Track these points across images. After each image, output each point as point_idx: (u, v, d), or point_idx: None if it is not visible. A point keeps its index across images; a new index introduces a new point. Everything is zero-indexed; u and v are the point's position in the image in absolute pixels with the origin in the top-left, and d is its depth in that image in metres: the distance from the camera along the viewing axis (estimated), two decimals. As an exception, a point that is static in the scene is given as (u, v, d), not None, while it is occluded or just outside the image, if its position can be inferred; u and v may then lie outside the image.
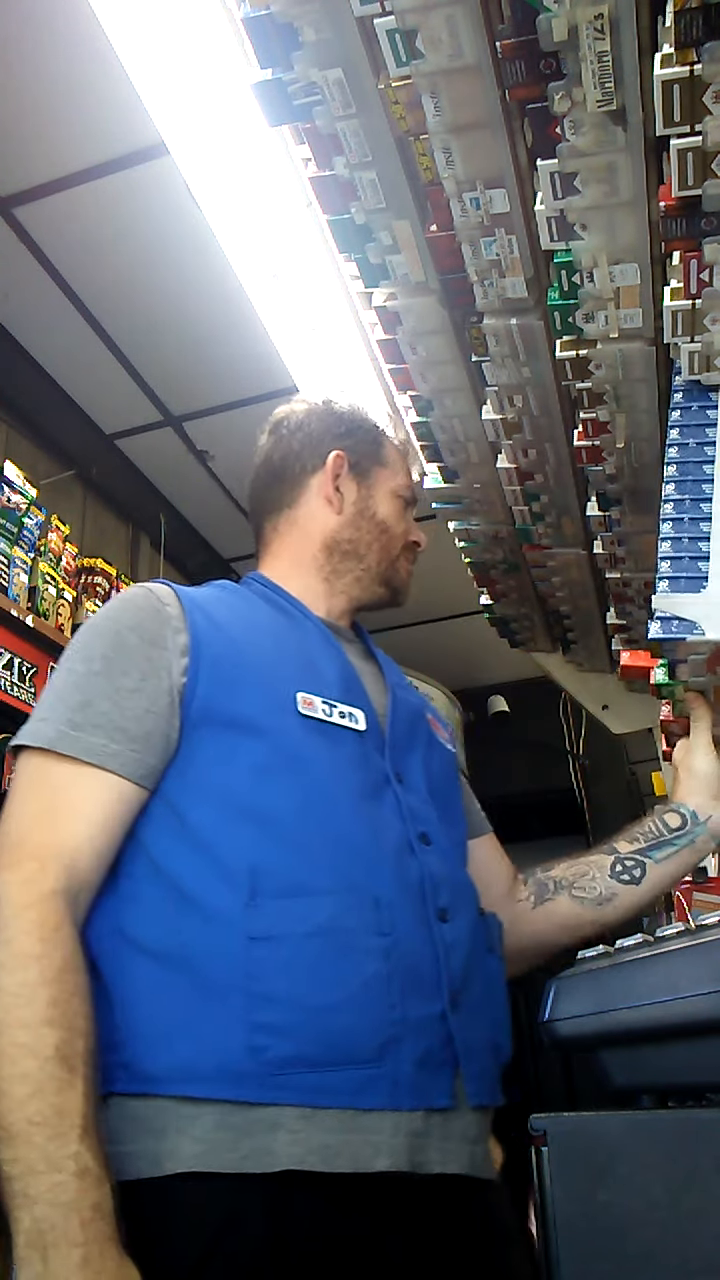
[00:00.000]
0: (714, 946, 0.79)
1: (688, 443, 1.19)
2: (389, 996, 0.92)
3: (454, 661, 4.43)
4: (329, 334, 2.15)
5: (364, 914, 0.94)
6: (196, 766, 0.99)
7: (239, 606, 1.14)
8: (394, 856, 0.99)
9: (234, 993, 0.88)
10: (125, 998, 0.91)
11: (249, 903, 0.91)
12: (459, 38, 1.02)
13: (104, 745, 0.96)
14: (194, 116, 1.68)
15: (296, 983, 0.89)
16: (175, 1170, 0.85)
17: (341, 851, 0.96)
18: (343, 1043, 0.89)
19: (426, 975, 0.96)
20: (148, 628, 1.02)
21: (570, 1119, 0.78)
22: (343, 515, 1.23)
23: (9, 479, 2.39)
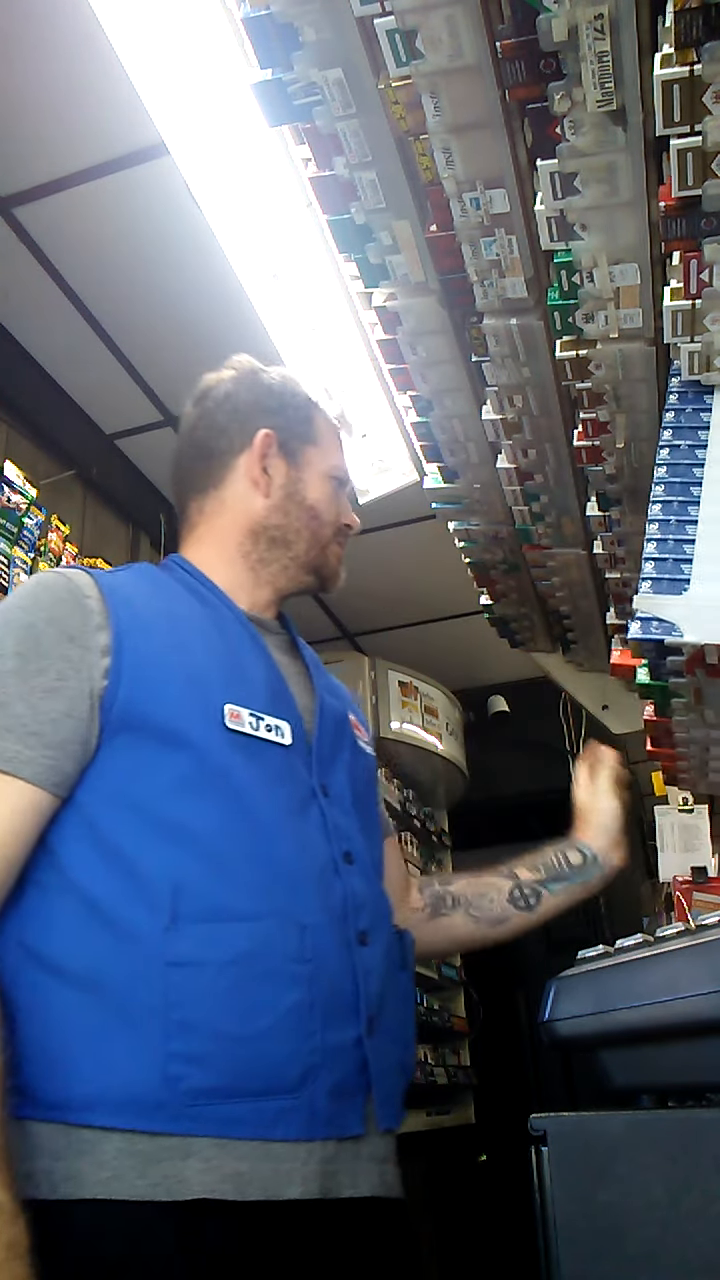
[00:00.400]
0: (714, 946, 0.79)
1: (679, 444, 1.19)
2: (309, 1025, 0.89)
3: (454, 661, 4.43)
4: (329, 334, 2.15)
5: (288, 941, 0.91)
6: (115, 775, 0.93)
7: (163, 598, 1.06)
8: (319, 878, 0.96)
9: (151, 1019, 0.84)
10: (27, 1018, 0.86)
11: (170, 926, 0.87)
12: (459, 38, 1.02)
13: (17, 751, 0.89)
14: (194, 116, 1.68)
15: (217, 1011, 0.86)
16: (75, 1196, 0.81)
17: (266, 874, 0.92)
18: (261, 1073, 0.86)
19: (345, 1001, 0.93)
20: (66, 622, 0.95)
21: (570, 1119, 0.78)
22: (270, 499, 1.14)
23: (9, 479, 2.39)
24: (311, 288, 2.01)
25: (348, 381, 2.29)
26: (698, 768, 1.56)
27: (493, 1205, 3.77)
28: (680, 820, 2.38)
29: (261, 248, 1.95)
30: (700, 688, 1.21)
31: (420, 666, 4.19)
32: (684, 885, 2.04)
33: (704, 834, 2.35)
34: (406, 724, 3.97)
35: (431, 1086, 3.51)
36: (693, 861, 2.24)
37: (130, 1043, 0.84)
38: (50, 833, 0.91)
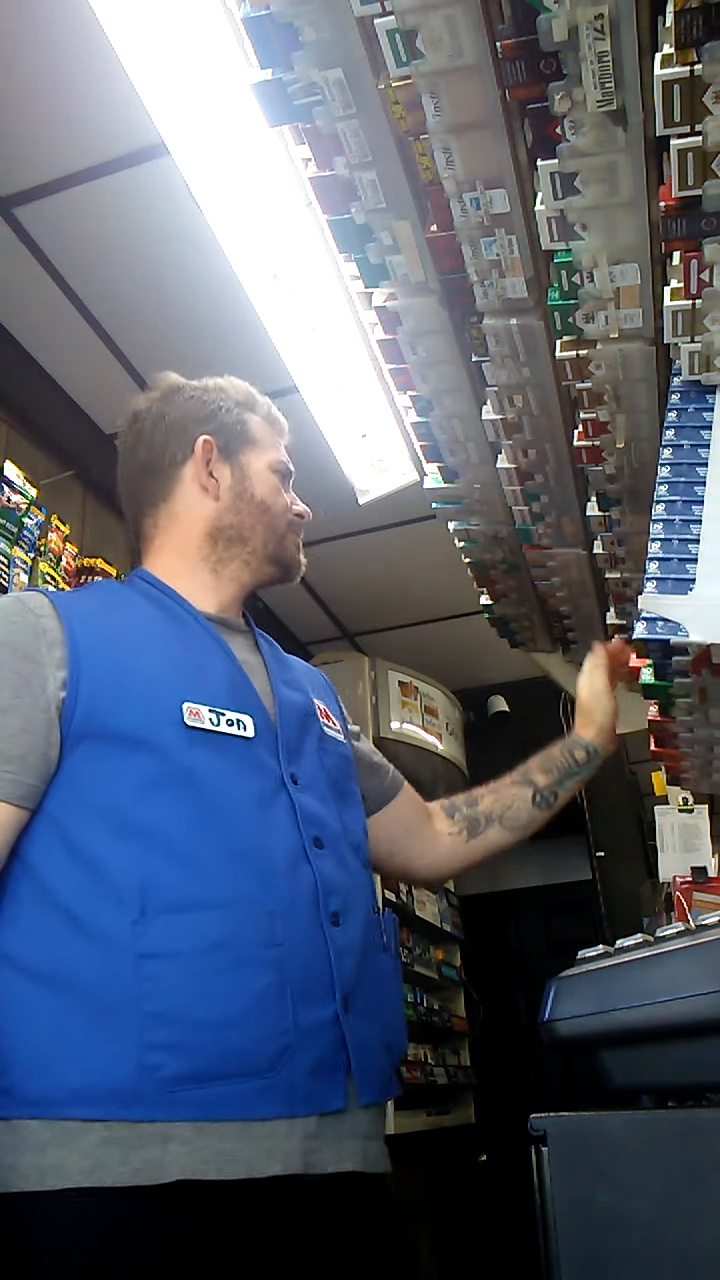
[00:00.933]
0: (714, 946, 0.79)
1: (682, 444, 1.19)
2: (282, 1006, 0.92)
3: (454, 661, 4.43)
4: (329, 334, 2.15)
5: (256, 926, 0.93)
6: (80, 783, 0.96)
7: (122, 611, 1.10)
8: (286, 865, 0.99)
9: (125, 1013, 0.87)
10: (7, 1022, 0.89)
11: (138, 920, 0.89)
12: (459, 38, 1.02)
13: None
14: (194, 116, 1.68)
15: (189, 999, 0.89)
16: (60, 1186, 0.84)
17: (233, 864, 0.95)
18: (237, 1056, 0.89)
19: (319, 981, 0.96)
20: (18, 642, 0.98)
21: (570, 1119, 0.78)
22: (221, 500, 1.19)
23: (9, 479, 2.39)
24: (311, 288, 2.01)
25: (348, 381, 2.29)
26: (701, 768, 1.56)
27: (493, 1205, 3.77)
28: (680, 820, 2.38)
29: (261, 248, 1.95)
30: (705, 688, 1.21)
31: (420, 666, 4.19)
32: (684, 885, 2.04)
33: (704, 834, 2.35)
34: (406, 724, 3.97)
35: (431, 1086, 3.51)
36: (693, 861, 2.24)
37: (107, 1037, 0.87)
38: (23, 844, 0.95)
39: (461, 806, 1.37)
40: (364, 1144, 0.98)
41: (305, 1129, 0.91)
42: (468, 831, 1.34)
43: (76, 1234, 0.84)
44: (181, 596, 1.15)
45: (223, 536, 1.19)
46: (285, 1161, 0.89)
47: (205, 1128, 0.87)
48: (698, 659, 1.14)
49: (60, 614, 1.02)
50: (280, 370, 2.38)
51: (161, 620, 1.11)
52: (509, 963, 5.44)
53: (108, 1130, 0.85)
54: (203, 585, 1.17)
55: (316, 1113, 0.92)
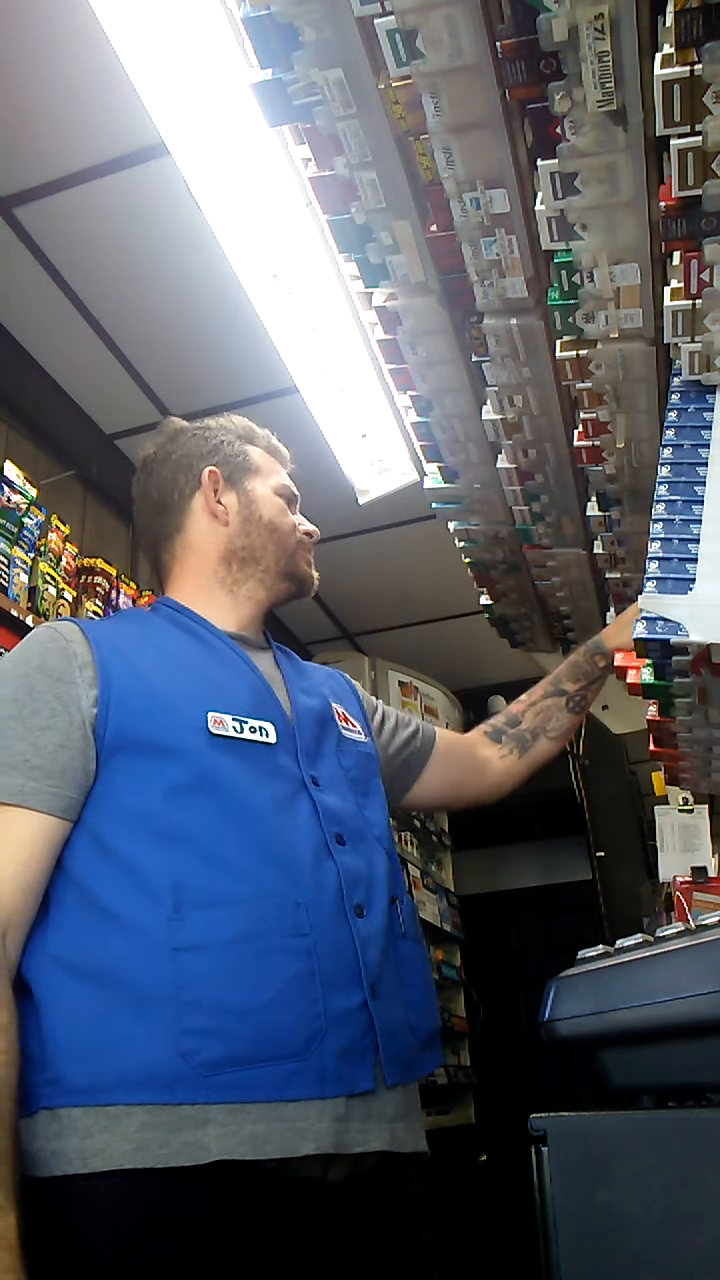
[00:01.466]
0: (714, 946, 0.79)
1: (682, 444, 1.19)
2: (311, 993, 0.97)
3: (454, 661, 4.43)
4: (329, 334, 2.15)
5: (283, 917, 0.99)
6: (114, 792, 1.03)
7: (146, 633, 1.18)
8: (310, 860, 1.05)
9: (163, 1002, 0.93)
10: (53, 1017, 0.95)
11: (173, 916, 0.96)
12: (459, 38, 1.02)
13: (21, 784, 1.00)
14: (194, 116, 1.68)
15: (223, 987, 0.94)
16: (104, 1168, 0.89)
17: (259, 861, 1.01)
18: (270, 1040, 0.94)
19: (347, 969, 1.02)
20: (53, 666, 1.06)
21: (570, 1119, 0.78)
22: (231, 525, 1.27)
23: (9, 479, 2.39)
24: (311, 288, 2.01)
25: (348, 381, 2.29)
26: (701, 768, 1.56)
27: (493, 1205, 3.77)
28: (680, 820, 2.38)
29: (261, 248, 1.95)
30: (705, 687, 1.21)
31: (420, 666, 4.19)
32: (684, 885, 2.04)
33: (704, 834, 2.35)
34: (405, 721, 3.97)
35: (431, 1086, 3.52)
36: (693, 861, 2.24)
37: (147, 1025, 0.93)
38: (65, 855, 1.02)
39: (506, 729, 1.51)
40: (391, 1125, 1.02)
41: (335, 1110, 0.96)
42: (518, 750, 1.49)
43: (117, 1215, 0.89)
44: (202, 617, 1.22)
45: (236, 559, 1.27)
46: (317, 1141, 0.94)
47: (240, 1109, 0.92)
48: (697, 659, 1.14)
49: (89, 638, 1.10)
50: (280, 370, 2.38)
51: (185, 639, 1.19)
52: (509, 963, 5.44)
53: (148, 1114, 0.90)
54: (222, 606, 1.25)
55: (346, 1094, 0.97)
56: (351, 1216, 0.99)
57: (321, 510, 1.45)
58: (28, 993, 0.96)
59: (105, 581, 2.77)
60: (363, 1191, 1.01)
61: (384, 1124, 1.01)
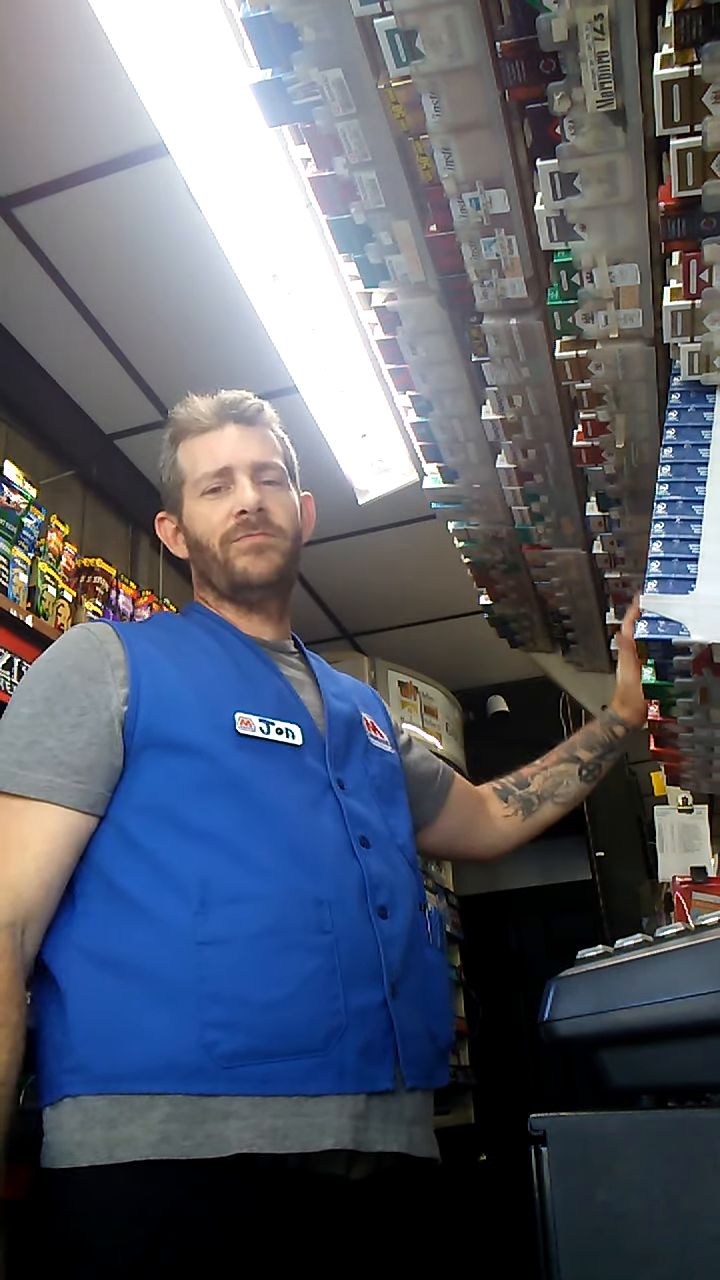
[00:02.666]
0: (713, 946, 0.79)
1: (683, 444, 1.19)
2: (332, 989, 0.98)
3: (454, 661, 4.43)
4: (329, 334, 2.15)
5: (306, 914, 1.00)
6: (141, 789, 1.04)
7: (177, 637, 1.21)
8: (335, 860, 1.06)
9: (186, 994, 0.94)
10: (78, 1006, 0.96)
11: (198, 911, 0.97)
12: (459, 38, 1.02)
13: (50, 780, 1.01)
14: (194, 116, 1.68)
15: (244, 981, 0.95)
16: (129, 1159, 0.89)
17: (284, 859, 1.02)
18: (290, 1034, 0.95)
19: (368, 967, 1.02)
20: (86, 665, 1.08)
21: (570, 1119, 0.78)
22: (191, 555, 1.30)
23: (9, 479, 2.39)
24: (311, 288, 2.01)
25: (348, 381, 2.29)
26: (702, 767, 1.56)
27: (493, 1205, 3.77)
28: (680, 820, 2.38)
29: (261, 248, 1.95)
30: (707, 687, 1.21)
31: (420, 666, 4.19)
32: (684, 885, 2.04)
33: (703, 834, 2.35)
34: (406, 724, 3.96)
35: (431, 1086, 3.51)
36: (692, 861, 2.24)
37: (170, 1016, 0.94)
38: (92, 848, 1.03)
39: (514, 789, 1.52)
40: (409, 1128, 1.03)
41: (354, 1107, 0.97)
42: (523, 811, 1.49)
43: (143, 1206, 0.89)
44: (229, 622, 1.25)
45: (207, 582, 1.29)
46: (337, 1137, 0.95)
47: (262, 1103, 0.92)
48: (699, 659, 1.14)
49: (122, 639, 1.12)
50: (280, 370, 2.38)
51: (213, 643, 1.21)
52: (509, 963, 5.44)
53: (172, 1105, 0.91)
54: (235, 616, 1.27)
55: (365, 1091, 0.98)
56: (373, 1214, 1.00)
57: (321, 510, 1.45)
58: (53, 982, 0.98)
59: (105, 581, 2.77)
60: (384, 1191, 1.01)
61: (402, 1125, 1.02)
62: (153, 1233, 0.88)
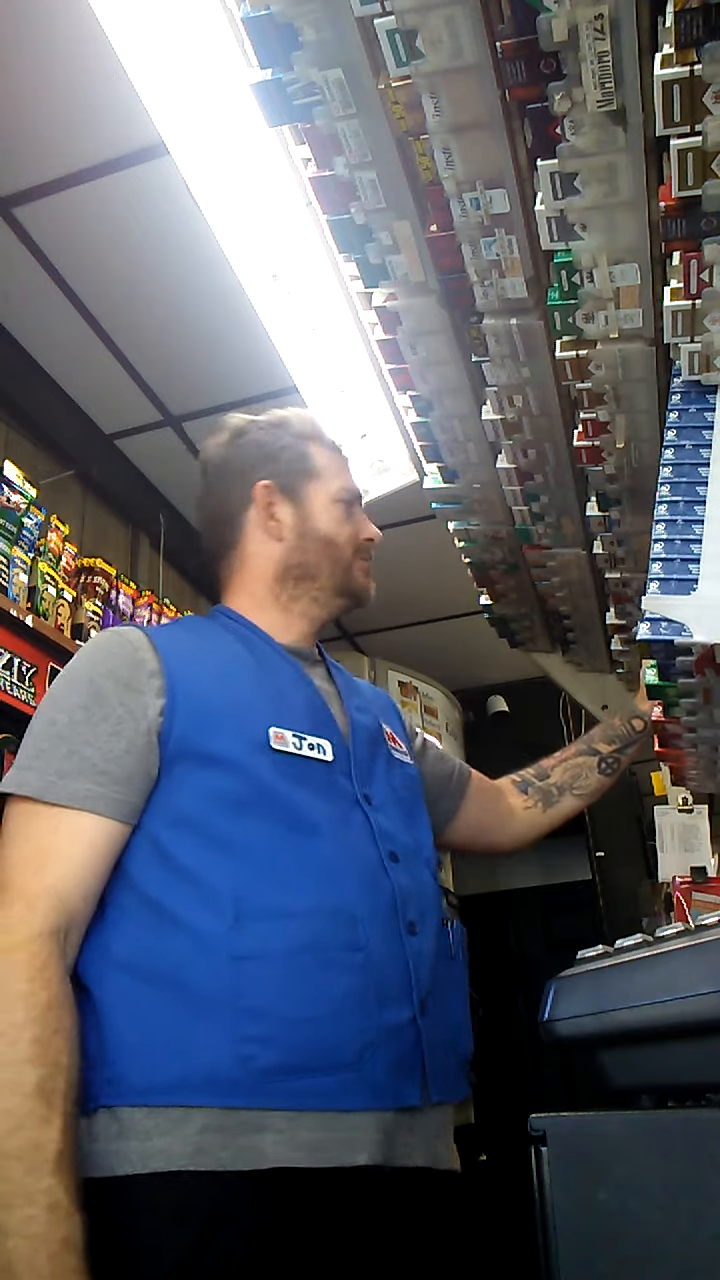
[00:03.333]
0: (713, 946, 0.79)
1: (684, 444, 1.19)
2: (365, 1006, 0.98)
3: (454, 661, 4.43)
4: (329, 334, 2.15)
5: (340, 931, 1.00)
6: (175, 801, 1.03)
7: (210, 644, 1.18)
8: (367, 876, 1.06)
9: (222, 1008, 0.93)
10: (114, 1017, 0.96)
11: (234, 925, 0.96)
12: (459, 38, 1.02)
13: (89, 790, 1.00)
14: (194, 116, 1.68)
15: (281, 997, 0.95)
16: (163, 1169, 0.89)
17: (316, 875, 1.02)
18: (325, 1050, 0.95)
19: (399, 984, 1.02)
20: (122, 674, 1.06)
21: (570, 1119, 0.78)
22: (285, 541, 1.24)
23: (9, 479, 2.39)
24: (311, 288, 2.01)
25: (348, 381, 2.29)
26: (705, 768, 1.56)
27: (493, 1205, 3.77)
28: (680, 820, 2.38)
29: (261, 248, 1.95)
30: (709, 688, 1.21)
31: (420, 666, 4.19)
32: (684, 885, 2.04)
33: (703, 834, 2.36)
34: (407, 724, 3.96)
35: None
36: (692, 861, 2.24)
37: (207, 1029, 0.93)
38: (125, 858, 1.02)
39: (534, 780, 1.51)
40: (433, 1142, 1.04)
41: (384, 1123, 0.97)
42: (543, 803, 1.49)
43: (180, 1215, 0.89)
44: (260, 629, 1.22)
45: (290, 576, 1.24)
46: (370, 1152, 0.95)
47: (296, 1117, 0.92)
48: (701, 659, 1.14)
49: (156, 647, 1.10)
50: (280, 370, 2.38)
51: (245, 653, 1.18)
52: (509, 963, 5.44)
53: (207, 1117, 0.91)
54: (275, 622, 1.23)
55: (395, 1107, 0.98)
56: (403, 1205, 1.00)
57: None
58: (85, 993, 0.97)
59: (105, 581, 2.77)
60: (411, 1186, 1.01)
61: (428, 1140, 1.02)
62: (189, 1244, 0.87)
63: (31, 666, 2.19)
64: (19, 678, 2.15)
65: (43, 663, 2.23)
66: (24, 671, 2.17)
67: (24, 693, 2.14)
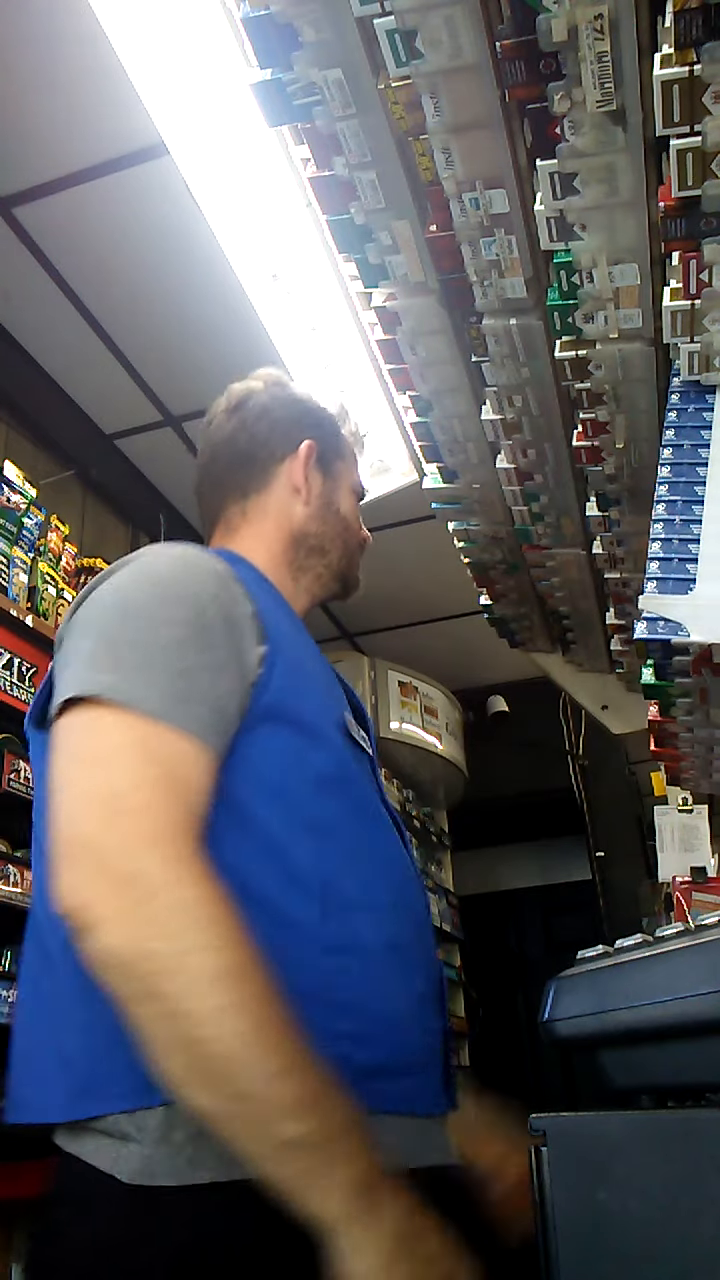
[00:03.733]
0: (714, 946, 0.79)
1: (682, 444, 1.19)
2: (430, 1008, 0.96)
3: (454, 661, 4.43)
4: (329, 334, 2.15)
5: (412, 930, 0.97)
6: (258, 763, 0.91)
7: (274, 596, 1.07)
8: (414, 876, 1.02)
9: (315, 1001, 0.83)
10: None
11: (323, 915, 0.88)
12: (459, 38, 1.02)
13: (212, 721, 0.86)
14: (194, 116, 1.68)
15: (370, 994, 0.89)
16: (242, 1176, 0.77)
17: (390, 870, 0.98)
18: (404, 1052, 0.91)
19: (440, 990, 1.01)
20: (227, 608, 0.93)
21: (570, 1119, 0.77)
22: (309, 507, 1.17)
23: (9, 479, 2.39)
24: (311, 288, 2.01)
25: (348, 381, 2.29)
26: (702, 768, 1.56)
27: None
28: (680, 820, 2.38)
29: (261, 248, 1.95)
30: (706, 687, 1.21)
31: (420, 666, 4.19)
32: (683, 885, 2.04)
33: (703, 834, 2.36)
34: (406, 724, 3.97)
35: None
36: (692, 861, 2.24)
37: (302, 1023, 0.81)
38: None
39: None
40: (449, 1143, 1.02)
41: (437, 1126, 0.96)
42: None
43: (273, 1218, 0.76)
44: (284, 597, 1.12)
45: (305, 544, 1.17)
46: (441, 1154, 0.94)
47: (380, 1120, 0.84)
48: (698, 659, 1.14)
49: (249, 590, 0.97)
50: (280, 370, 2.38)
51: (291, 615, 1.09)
52: (509, 963, 5.44)
53: None
54: (285, 589, 1.13)
55: (442, 1111, 0.97)
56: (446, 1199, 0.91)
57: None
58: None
59: (105, 581, 2.77)
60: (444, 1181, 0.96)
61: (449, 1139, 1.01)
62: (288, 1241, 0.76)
63: (31, 666, 2.19)
64: (19, 678, 2.15)
65: (43, 663, 2.23)
66: (24, 671, 2.17)
67: (24, 692, 2.14)
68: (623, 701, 2.40)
